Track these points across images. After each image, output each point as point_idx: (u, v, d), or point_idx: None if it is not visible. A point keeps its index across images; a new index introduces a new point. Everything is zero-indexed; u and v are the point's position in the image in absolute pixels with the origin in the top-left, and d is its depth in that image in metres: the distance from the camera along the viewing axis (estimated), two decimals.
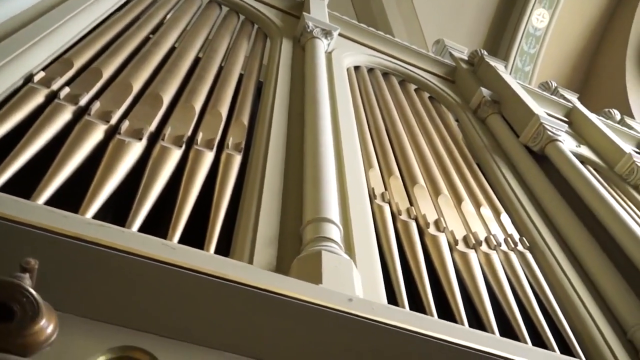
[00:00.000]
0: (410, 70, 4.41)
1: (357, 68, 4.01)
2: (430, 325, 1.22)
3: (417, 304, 1.85)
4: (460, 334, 1.35)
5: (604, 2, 8.60)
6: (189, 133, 2.09)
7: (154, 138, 1.99)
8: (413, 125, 3.42)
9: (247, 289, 1.13)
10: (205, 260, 1.13)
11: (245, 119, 2.39)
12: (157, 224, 1.64)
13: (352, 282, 1.41)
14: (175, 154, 1.91)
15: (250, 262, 1.51)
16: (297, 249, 1.65)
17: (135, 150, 1.83)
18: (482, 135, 3.71)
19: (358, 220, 1.96)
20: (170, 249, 1.11)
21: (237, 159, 2.05)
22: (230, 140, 2.13)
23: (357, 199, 2.10)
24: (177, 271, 1.08)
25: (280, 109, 2.51)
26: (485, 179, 3.20)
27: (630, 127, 5.18)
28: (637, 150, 4.86)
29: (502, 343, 1.56)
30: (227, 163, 2.00)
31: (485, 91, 4.09)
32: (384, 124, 3.28)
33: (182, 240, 1.55)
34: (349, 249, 1.78)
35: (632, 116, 7.64)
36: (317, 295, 1.14)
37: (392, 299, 1.78)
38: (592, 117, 4.58)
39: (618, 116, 5.42)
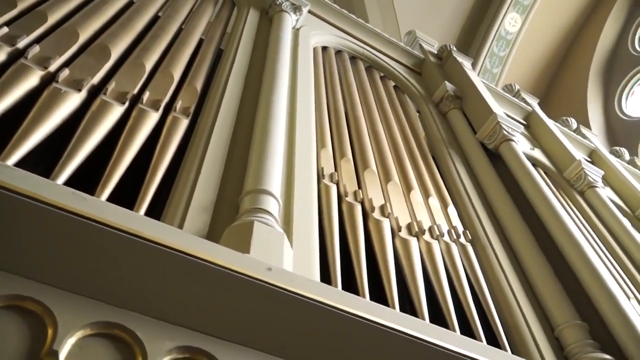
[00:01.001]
0: (379, 57, 4.38)
1: (325, 48, 3.96)
2: (352, 303, 1.20)
3: (351, 285, 1.84)
4: (385, 315, 1.34)
5: (575, 14, 8.80)
6: (135, 91, 2.00)
7: (96, 92, 1.89)
8: (373, 111, 3.41)
9: (163, 250, 1.08)
10: (119, 215, 1.07)
11: (199, 85, 2.31)
12: (88, 180, 1.56)
13: (282, 255, 1.38)
14: (117, 111, 1.82)
15: (180, 227, 1.46)
16: (233, 218, 1.61)
17: (72, 101, 1.74)
18: (441, 128, 3.74)
19: (301, 197, 1.93)
20: (81, 200, 1.04)
21: (184, 123, 1.98)
22: (179, 104, 2.05)
23: (304, 176, 2.07)
24: (89, 224, 1.02)
25: (237, 78, 2.44)
26: (438, 170, 3.22)
27: (584, 137, 5.33)
28: (588, 159, 5.02)
29: (429, 328, 1.57)
30: (172, 126, 1.92)
31: (449, 86, 4.11)
32: (344, 107, 3.25)
33: (112, 199, 1.48)
34: (287, 224, 1.75)
35: (589, 126, 7.89)
36: (237, 262, 1.10)
37: (327, 278, 1.76)
38: (549, 122, 4.69)
39: (574, 125, 5.57)
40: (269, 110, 2.18)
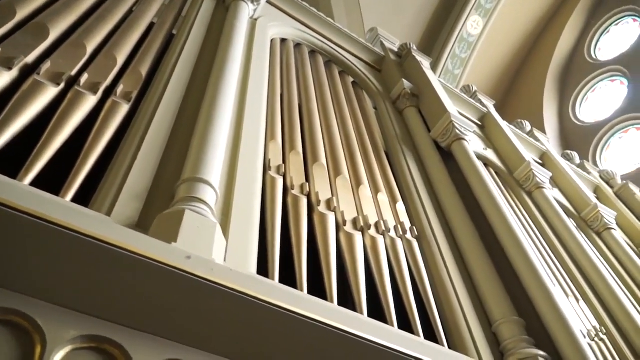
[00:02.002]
0: (339, 53, 4.38)
1: (283, 41, 3.92)
2: (277, 294, 1.18)
3: (290, 279, 1.82)
4: (318, 310, 1.33)
5: (535, 20, 9.04)
6: (73, 72, 1.92)
7: (29, 71, 1.81)
8: (329, 106, 3.40)
9: (69, 234, 1.03)
10: (35, 200, 1.02)
11: (144, 70, 2.24)
12: (12, 162, 1.49)
13: (212, 245, 1.35)
14: (50, 92, 1.74)
15: (109, 214, 1.41)
16: (167, 206, 1.56)
17: (1, 79, 1.65)
18: (396, 125, 3.76)
19: (243, 188, 1.90)
20: None
21: (124, 109, 1.91)
22: (120, 88, 1.98)
23: (248, 167, 2.04)
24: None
25: (185, 64, 2.38)
26: (390, 167, 3.24)
27: (537, 139, 5.48)
28: (539, 161, 5.17)
29: (363, 322, 1.58)
30: (111, 111, 1.86)
31: (406, 84, 4.14)
32: (299, 100, 3.23)
33: (35, 184, 1.42)
34: (226, 214, 1.72)
35: (544, 130, 8.13)
36: (154, 250, 1.07)
37: (265, 271, 1.74)
38: (503, 124, 4.80)
39: (528, 127, 5.72)
40: (216, 99, 2.14)
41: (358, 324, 1.45)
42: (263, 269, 1.74)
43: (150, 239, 1.15)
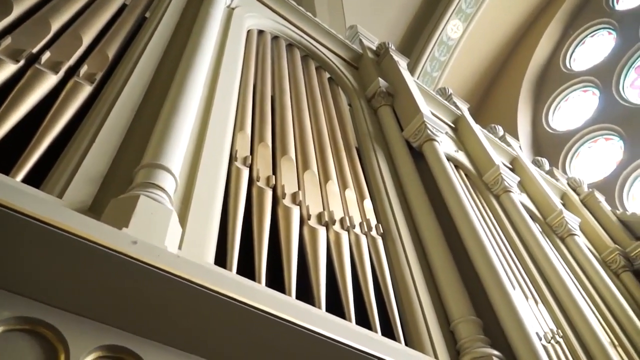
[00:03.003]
0: (317, 48, 4.36)
1: (261, 32, 3.89)
2: (230, 285, 1.17)
3: (249, 271, 1.81)
4: (274, 303, 1.32)
5: (513, 28, 9.17)
6: (35, 50, 1.86)
7: None
8: (302, 100, 3.38)
9: (26, 219, 1.00)
10: None
11: (111, 52, 2.19)
12: None
13: (165, 233, 1.32)
14: (8, 68, 1.69)
15: (60, 196, 1.37)
16: (123, 191, 1.53)
17: None
18: (369, 123, 3.77)
19: (206, 178, 1.87)
20: None
21: (86, 90, 1.87)
22: (84, 69, 1.93)
23: (213, 157, 2.01)
24: None
25: (155, 49, 2.33)
26: (361, 164, 3.25)
27: (509, 144, 5.57)
28: (509, 165, 5.25)
29: (322, 319, 1.57)
30: (72, 91, 1.81)
31: (382, 82, 4.15)
32: (272, 92, 3.21)
33: None
34: (186, 202, 1.69)
35: (517, 136, 8.27)
36: (98, 234, 1.04)
37: (223, 261, 1.72)
38: (476, 127, 4.85)
39: (501, 132, 5.81)
40: (184, 85, 2.10)
41: (315, 319, 1.45)
42: (222, 260, 1.73)
43: (98, 224, 1.12)
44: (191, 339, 1.16)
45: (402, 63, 4.70)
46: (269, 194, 2.21)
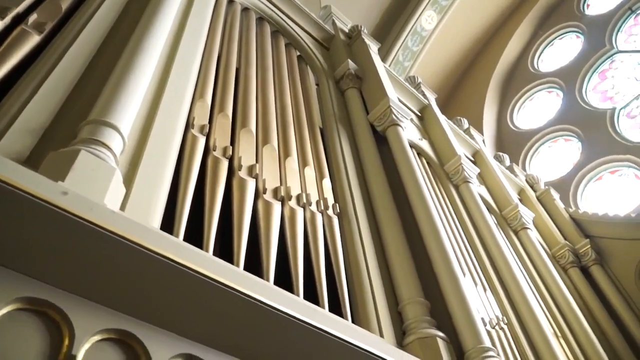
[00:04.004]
0: (288, 25, 4.29)
1: (231, 2, 3.78)
2: (165, 245, 1.13)
3: (197, 240, 1.76)
4: (206, 263, 1.28)
5: (486, 24, 9.28)
6: None
7: None
8: (268, 75, 3.32)
9: None
10: None
11: (65, 3, 2.08)
12: None
13: (105, 191, 1.26)
14: None
15: None
16: (65, 146, 1.45)
17: None
18: (336, 104, 3.74)
19: (158, 142, 1.80)
20: None
21: (34, 39, 1.76)
22: (33, 17, 1.83)
23: (167, 121, 1.94)
24: None
25: (114, 4, 2.23)
26: (323, 144, 3.22)
27: (472, 137, 5.65)
28: (471, 158, 5.34)
29: (268, 290, 1.54)
30: (18, 39, 1.71)
31: (352, 64, 4.12)
32: (238, 64, 3.13)
33: None
34: (134, 165, 1.63)
35: (481, 130, 8.41)
36: (33, 185, 0.98)
37: (170, 227, 1.67)
38: (441, 118, 4.90)
39: (466, 125, 5.89)
40: (141, 44, 2.01)
41: (260, 289, 1.42)
42: (170, 227, 1.68)
43: (31, 173, 1.06)
44: (125, 299, 1.11)
45: (374, 47, 4.68)
46: (224, 164, 2.16)
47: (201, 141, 2.14)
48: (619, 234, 5.41)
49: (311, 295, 2.05)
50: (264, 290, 1.43)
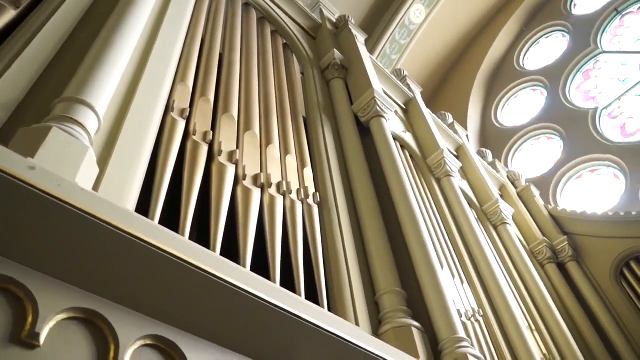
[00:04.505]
0: (275, 12, 4.24)
1: None
2: (136, 224, 1.10)
3: (173, 224, 1.74)
4: (190, 252, 1.26)
5: (474, 20, 9.31)
6: None
7: None
8: (253, 61, 3.28)
9: None
10: None
11: None
12: None
13: (77, 169, 1.24)
14: None
15: None
16: (37, 123, 1.42)
17: None
18: (320, 93, 3.72)
19: (135, 124, 1.77)
20: None
21: (9, 14, 1.72)
22: None
23: (146, 103, 1.91)
24: None
25: None
26: (306, 132, 3.21)
27: (456, 132, 5.68)
28: (455, 152, 5.37)
29: (245, 275, 1.53)
30: None
31: (337, 54, 4.10)
32: (222, 49, 3.09)
33: None
34: (109, 147, 1.60)
35: (465, 126, 8.46)
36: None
37: (146, 211, 1.65)
38: (426, 111, 4.91)
39: (450, 120, 5.91)
40: (120, 23, 1.97)
41: (235, 273, 1.40)
42: (145, 211, 1.65)
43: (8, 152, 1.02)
44: (92, 279, 1.09)
45: (360, 38, 4.66)
46: (204, 149, 2.14)
47: (181, 125, 2.11)
48: (596, 232, 5.50)
49: (289, 283, 2.04)
50: (238, 274, 1.41)
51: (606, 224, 5.42)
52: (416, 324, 2.22)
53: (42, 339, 0.94)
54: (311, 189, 2.67)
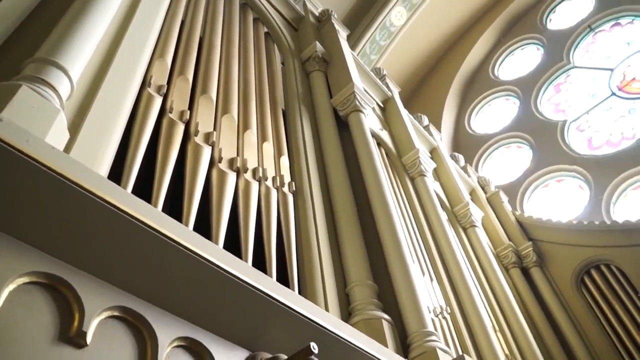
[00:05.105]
0: (259, 0, 4.19)
1: None
2: (107, 188, 1.05)
3: (147, 197, 1.67)
4: (163, 223, 1.21)
5: (454, 26, 9.44)
6: None
7: None
8: (234, 47, 3.22)
9: None
10: None
11: None
12: None
13: (46, 132, 1.17)
14: None
15: None
16: (7, 80, 1.34)
17: None
18: (300, 85, 3.69)
19: (110, 93, 1.70)
20: None
21: None
22: None
23: (122, 75, 1.84)
24: None
25: None
26: (284, 121, 3.17)
27: (431, 134, 5.73)
28: (429, 154, 5.41)
29: (215, 250, 1.48)
30: None
31: (319, 47, 4.08)
32: (202, 32, 3.02)
33: None
34: (81, 113, 1.53)
35: (439, 130, 8.55)
36: None
37: (117, 182, 1.58)
38: (403, 111, 4.93)
39: (426, 122, 5.96)
40: None
41: (207, 247, 1.34)
42: (116, 177, 1.59)
43: None
44: (57, 243, 1.03)
45: (343, 33, 4.65)
46: (180, 127, 2.08)
47: (157, 101, 2.05)
48: (560, 239, 5.63)
49: (260, 268, 2.00)
50: (212, 250, 1.36)
51: (570, 232, 5.56)
52: (386, 316, 2.21)
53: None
54: (287, 178, 2.63)
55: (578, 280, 5.25)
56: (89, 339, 0.94)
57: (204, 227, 1.95)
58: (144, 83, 2.05)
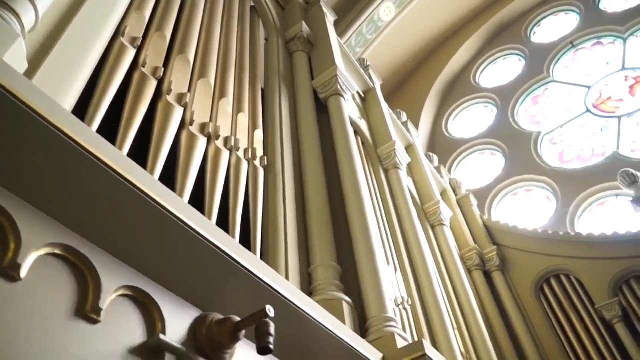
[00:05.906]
0: None
1: None
2: (67, 122, 0.96)
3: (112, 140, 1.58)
4: (125, 167, 1.13)
5: (441, 28, 9.47)
6: None
7: None
8: (217, 14, 3.11)
9: None
10: None
11: None
12: None
13: (2, 51, 1.07)
14: None
15: None
16: None
17: None
18: (282, 63, 3.61)
19: (78, 35, 1.60)
20: None
21: None
22: None
23: (93, 19, 1.73)
24: None
25: None
26: (262, 96, 3.09)
27: (409, 131, 5.73)
28: (404, 148, 5.40)
29: (180, 203, 1.40)
30: None
31: (305, 28, 4.00)
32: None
33: None
34: (45, 48, 1.43)
35: (417, 128, 8.58)
36: None
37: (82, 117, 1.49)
38: (384, 105, 4.90)
39: (405, 118, 5.95)
40: None
41: (171, 199, 1.27)
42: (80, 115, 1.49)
43: None
44: (4, 175, 0.94)
45: (330, 17, 4.58)
46: (152, 83, 1.98)
47: (130, 53, 1.94)
48: (524, 246, 5.71)
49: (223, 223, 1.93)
50: (171, 199, 1.28)
51: (534, 240, 5.64)
52: (347, 298, 2.17)
53: None
54: (259, 152, 2.56)
55: (537, 288, 5.33)
56: (23, 274, 0.85)
57: (169, 184, 1.86)
58: (118, 32, 1.95)
